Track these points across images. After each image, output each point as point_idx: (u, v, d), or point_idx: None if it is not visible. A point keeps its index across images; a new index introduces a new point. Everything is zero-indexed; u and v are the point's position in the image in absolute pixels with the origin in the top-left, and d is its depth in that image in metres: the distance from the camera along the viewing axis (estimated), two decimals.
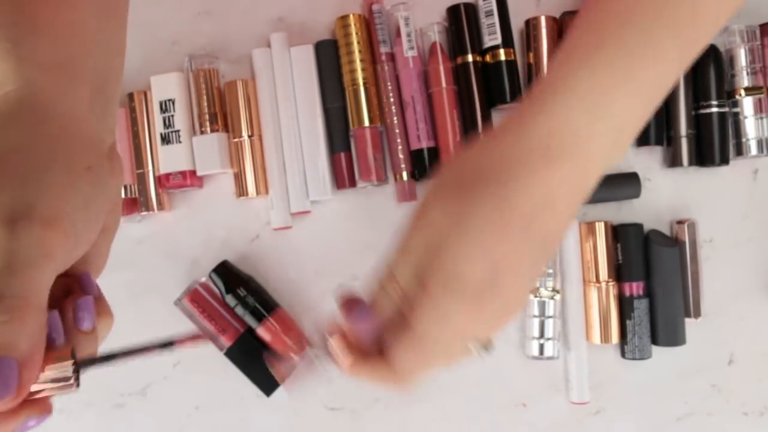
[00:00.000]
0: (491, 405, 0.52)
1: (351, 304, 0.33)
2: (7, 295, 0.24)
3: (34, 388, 0.25)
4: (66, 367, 0.26)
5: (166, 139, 0.52)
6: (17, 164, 0.27)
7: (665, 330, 0.50)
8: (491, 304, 0.32)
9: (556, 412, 0.52)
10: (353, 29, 0.52)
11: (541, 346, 0.51)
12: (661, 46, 0.32)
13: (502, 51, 0.51)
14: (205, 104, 0.52)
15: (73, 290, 0.30)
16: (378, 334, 0.34)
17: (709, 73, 0.50)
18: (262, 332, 0.51)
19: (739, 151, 0.51)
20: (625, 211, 0.52)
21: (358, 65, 0.52)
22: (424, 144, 0.51)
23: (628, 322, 0.50)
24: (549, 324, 0.50)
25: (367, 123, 0.52)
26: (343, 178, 0.52)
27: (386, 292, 0.33)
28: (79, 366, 0.26)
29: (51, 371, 0.25)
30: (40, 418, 0.27)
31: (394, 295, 0.33)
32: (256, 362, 0.51)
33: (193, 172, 0.53)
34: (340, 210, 0.53)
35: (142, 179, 0.53)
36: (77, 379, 0.26)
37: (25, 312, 0.24)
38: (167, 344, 0.28)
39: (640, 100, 0.32)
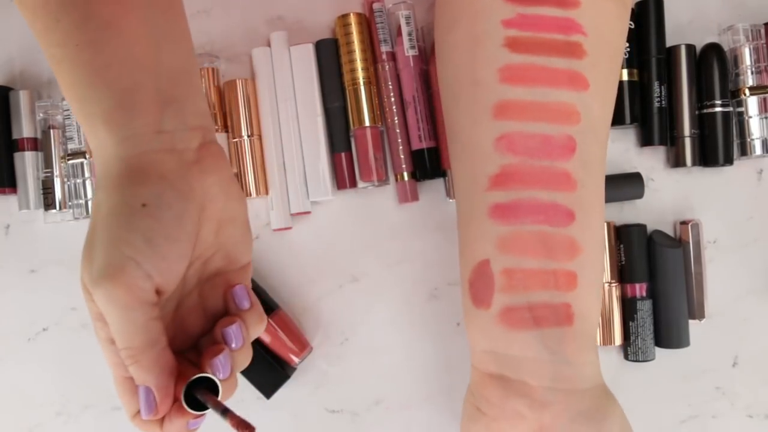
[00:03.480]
0: None
1: None
2: (121, 349, 0.30)
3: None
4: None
5: None
6: (92, 231, 0.30)
7: (669, 332, 0.50)
8: None
9: None
10: (354, 28, 0.51)
11: None
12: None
13: None
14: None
15: (229, 299, 0.34)
16: None
17: (713, 72, 0.50)
18: (261, 333, 0.51)
19: (744, 151, 0.50)
20: (628, 212, 0.51)
21: (359, 64, 0.51)
22: (425, 144, 0.51)
23: (631, 323, 0.50)
24: None
25: (367, 123, 0.51)
26: (343, 178, 0.52)
27: None
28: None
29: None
30: (195, 422, 0.32)
31: None
32: (255, 364, 0.51)
33: None
34: (341, 210, 0.53)
35: None
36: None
37: (136, 358, 0.30)
38: (225, 411, 0.31)
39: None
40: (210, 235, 0.33)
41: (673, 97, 0.50)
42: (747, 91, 0.50)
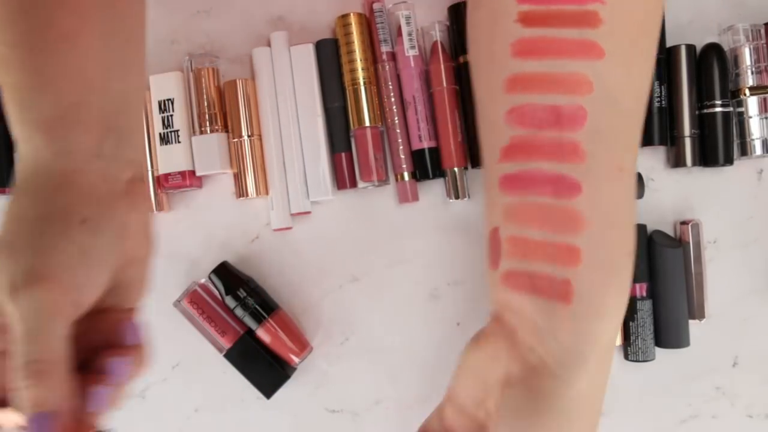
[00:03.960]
0: None
1: None
2: (30, 361, 0.27)
3: None
4: None
5: (165, 139, 0.52)
6: (15, 234, 0.29)
7: (669, 332, 0.50)
8: None
9: None
10: (354, 28, 0.51)
11: None
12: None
13: None
14: (205, 104, 0.52)
15: (114, 335, 0.33)
16: None
17: (713, 72, 0.50)
18: (261, 334, 0.51)
19: (744, 151, 0.50)
20: None
21: (359, 64, 0.51)
22: (426, 144, 0.51)
23: (631, 323, 0.50)
24: None
25: (367, 123, 0.51)
26: (343, 178, 0.52)
27: None
28: None
29: None
30: None
31: None
32: (255, 364, 0.51)
33: (193, 173, 0.52)
34: (341, 210, 0.53)
35: None
36: None
37: (46, 374, 0.27)
38: None
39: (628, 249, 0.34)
40: (116, 270, 0.33)
41: (673, 97, 0.50)
42: (747, 91, 0.50)
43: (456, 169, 0.51)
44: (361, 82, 0.51)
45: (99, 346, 0.32)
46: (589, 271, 0.32)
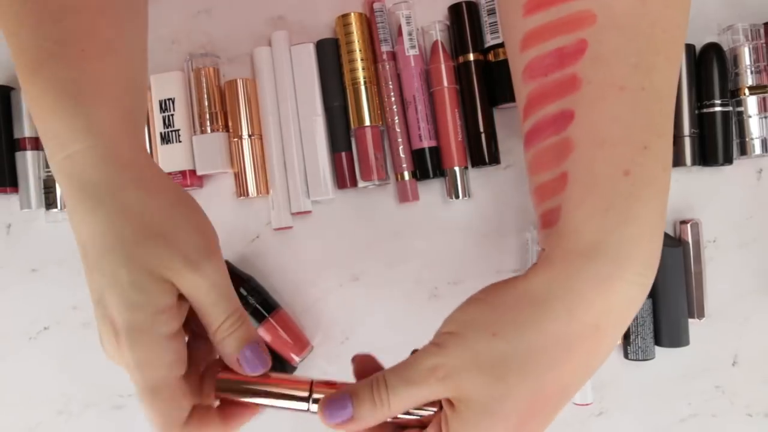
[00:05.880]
0: None
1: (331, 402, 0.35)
2: (233, 312, 0.34)
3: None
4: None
5: (165, 139, 0.52)
6: (164, 221, 0.32)
7: (669, 331, 0.50)
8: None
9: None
10: (354, 28, 0.51)
11: None
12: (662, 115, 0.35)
13: (503, 50, 0.50)
14: (206, 103, 0.52)
15: None
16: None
17: (712, 71, 0.50)
18: (262, 333, 0.51)
19: (743, 150, 0.50)
20: None
21: (359, 64, 0.51)
22: (426, 143, 0.51)
23: (630, 323, 0.50)
24: None
25: (368, 122, 0.51)
26: (344, 177, 0.52)
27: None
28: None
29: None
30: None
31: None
32: None
33: (193, 172, 0.52)
34: (341, 210, 0.53)
35: None
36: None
37: (244, 317, 0.35)
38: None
39: (663, 189, 0.33)
40: None
41: None
42: (746, 91, 0.50)
43: (456, 168, 0.51)
44: (362, 82, 0.51)
45: None
46: (573, 191, 0.33)
